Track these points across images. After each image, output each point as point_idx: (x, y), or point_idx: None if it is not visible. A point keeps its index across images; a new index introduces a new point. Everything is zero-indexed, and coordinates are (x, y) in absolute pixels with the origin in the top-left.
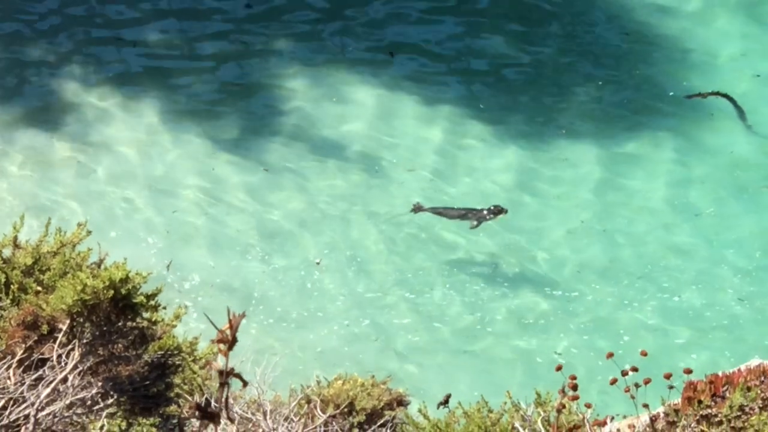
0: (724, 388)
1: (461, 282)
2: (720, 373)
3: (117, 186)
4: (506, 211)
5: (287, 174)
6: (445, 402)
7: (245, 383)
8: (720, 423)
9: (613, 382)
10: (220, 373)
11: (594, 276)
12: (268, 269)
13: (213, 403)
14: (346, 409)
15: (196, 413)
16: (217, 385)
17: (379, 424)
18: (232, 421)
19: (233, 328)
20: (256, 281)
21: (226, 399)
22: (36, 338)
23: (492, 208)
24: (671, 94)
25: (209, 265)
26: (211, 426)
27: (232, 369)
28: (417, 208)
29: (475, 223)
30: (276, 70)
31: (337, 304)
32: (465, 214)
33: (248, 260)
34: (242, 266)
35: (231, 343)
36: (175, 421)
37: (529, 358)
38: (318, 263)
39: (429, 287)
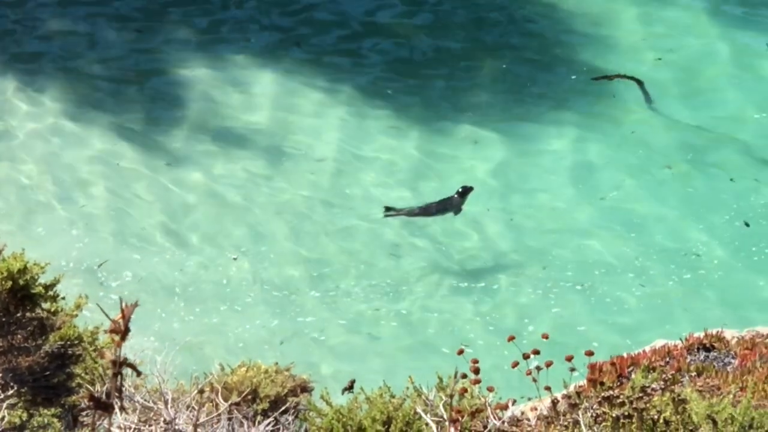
0: (630, 368)
1: (367, 273)
2: (625, 355)
3: (24, 179)
4: (473, 188)
5: (192, 166)
6: (350, 388)
7: (139, 373)
8: (622, 404)
9: (515, 365)
10: (113, 363)
11: (500, 263)
12: (185, 265)
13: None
14: (249, 397)
15: (90, 404)
16: (129, 374)
17: (282, 410)
18: (124, 410)
19: (126, 318)
20: (176, 276)
21: (120, 389)
22: None
23: (460, 190)
24: (573, 77)
25: (139, 260)
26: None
27: (125, 359)
28: (388, 213)
29: (453, 212)
30: (178, 60)
31: (247, 300)
32: (439, 208)
33: (164, 255)
34: (161, 261)
35: (124, 333)
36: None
37: (433, 345)
38: (235, 259)
39: (336, 279)
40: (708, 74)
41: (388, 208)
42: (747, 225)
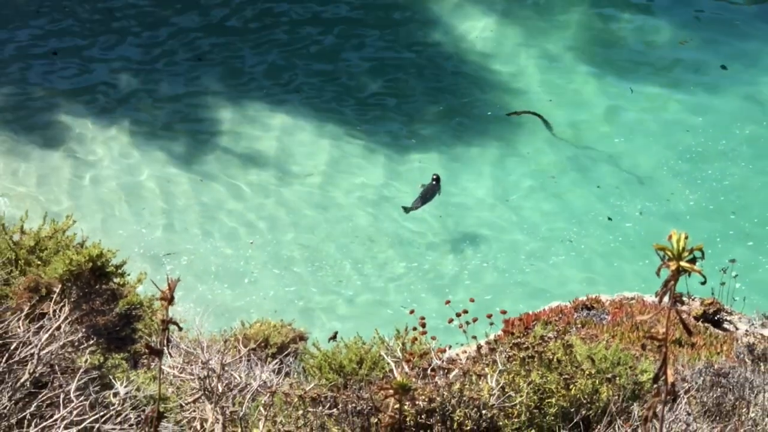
0: (533, 322)
1: (342, 254)
2: (530, 312)
3: (104, 191)
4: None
5: (219, 180)
6: (333, 337)
7: (180, 328)
8: (527, 348)
9: (450, 321)
10: (162, 321)
11: (435, 248)
12: (217, 251)
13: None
14: (262, 344)
15: (146, 350)
16: (174, 329)
17: (285, 354)
18: (170, 355)
19: (171, 289)
20: (212, 259)
21: (167, 340)
22: (38, 298)
23: (435, 177)
24: (489, 113)
25: (185, 248)
26: (158, 358)
27: (171, 318)
28: (410, 209)
29: (438, 193)
30: (212, 106)
31: (260, 276)
32: (433, 192)
33: (203, 244)
34: (200, 249)
35: (170, 300)
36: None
37: (391, 306)
38: (251, 243)
39: (320, 258)
40: (585, 111)
41: (405, 207)
42: (610, 219)
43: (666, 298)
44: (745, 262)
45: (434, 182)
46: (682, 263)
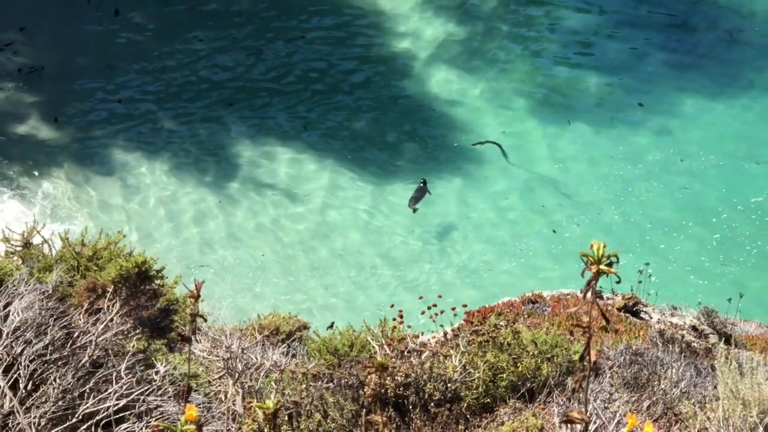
0: (490, 314)
1: (339, 261)
2: (486, 305)
3: (148, 211)
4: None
5: (237, 203)
6: (331, 326)
7: (205, 320)
8: (484, 334)
9: (422, 313)
10: (191, 314)
11: (409, 255)
12: (233, 261)
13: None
14: (274, 332)
15: (179, 338)
16: (200, 321)
17: (292, 339)
18: (199, 341)
19: (198, 289)
20: (229, 267)
21: (195, 329)
22: (95, 296)
23: (422, 180)
24: (456, 145)
25: (209, 259)
26: (187, 344)
27: (198, 312)
28: (413, 208)
29: (428, 193)
30: (234, 141)
31: (270, 280)
32: (423, 192)
33: (224, 254)
34: (220, 258)
35: (197, 297)
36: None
37: (375, 301)
38: (263, 255)
39: (320, 265)
40: (531, 141)
41: (410, 207)
42: (554, 232)
43: (589, 294)
44: (659, 263)
45: (422, 185)
46: (601, 267)
